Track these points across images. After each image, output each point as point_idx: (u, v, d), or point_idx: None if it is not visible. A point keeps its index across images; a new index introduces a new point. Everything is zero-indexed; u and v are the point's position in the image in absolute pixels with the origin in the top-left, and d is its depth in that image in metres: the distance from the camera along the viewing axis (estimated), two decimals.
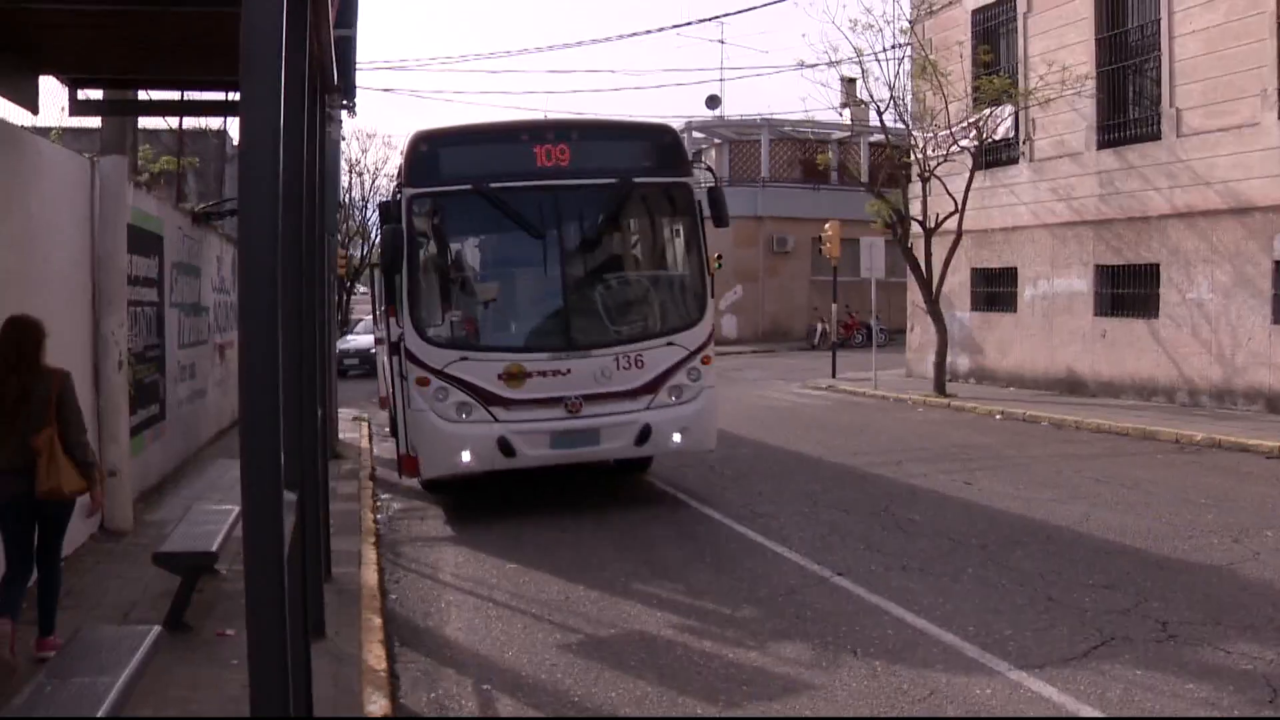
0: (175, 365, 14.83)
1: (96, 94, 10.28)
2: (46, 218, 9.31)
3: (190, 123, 23.72)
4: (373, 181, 49.20)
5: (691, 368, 12.53)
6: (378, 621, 8.09)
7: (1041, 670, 7.00)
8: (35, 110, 8.45)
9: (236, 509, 9.15)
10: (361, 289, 59.60)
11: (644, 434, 12.33)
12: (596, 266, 13.07)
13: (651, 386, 12.35)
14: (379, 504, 13.60)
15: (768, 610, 8.65)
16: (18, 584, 7.05)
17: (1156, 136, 21.62)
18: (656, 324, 12.99)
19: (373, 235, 45.53)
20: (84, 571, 9.20)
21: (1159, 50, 21.44)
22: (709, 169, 14.10)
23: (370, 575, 9.40)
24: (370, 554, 10.24)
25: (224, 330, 19.18)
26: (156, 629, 5.71)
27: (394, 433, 13.71)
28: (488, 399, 11.90)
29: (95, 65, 8.45)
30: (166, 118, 19.88)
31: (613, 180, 12.59)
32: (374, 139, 75.05)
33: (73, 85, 8.82)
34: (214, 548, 7.71)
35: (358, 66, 18.80)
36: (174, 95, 11.77)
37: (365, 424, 20.57)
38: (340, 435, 17.99)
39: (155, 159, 24.24)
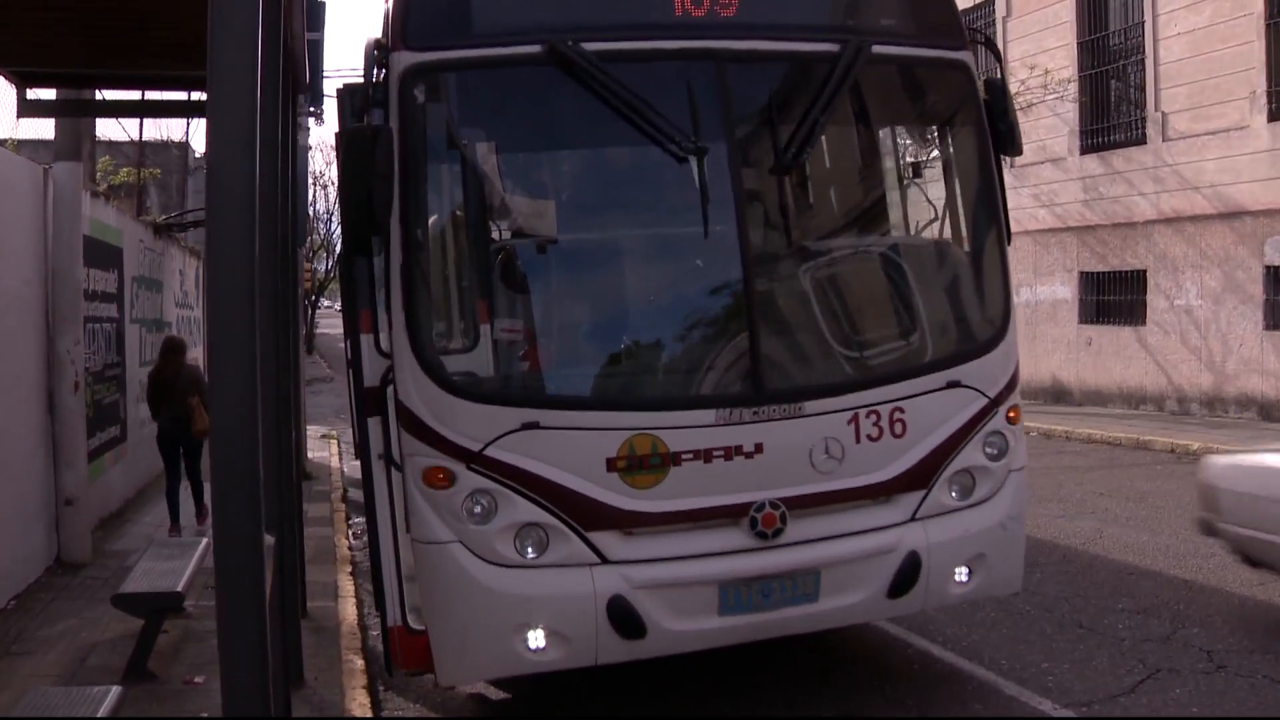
0: (137, 384, 14.08)
1: (49, 94, 9.56)
2: None
3: (151, 133, 23.01)
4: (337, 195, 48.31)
5: (992, 431, 6.42)
6: (360, 663, 7.44)
7: (1089, 709, 6.44)
8: None
9: (203, 541, 8.49)
10: (326, 303, 58.80)
11: (906, 573, 6.20)
12: (803, 227, 6.80)
13: (921, 472, 6.22)
14: (352, 527, 12.90)
15: None
16: (174, 493, 11.63)
17: (1142, 141, 21.25)
18: (926, 345, 6.59)
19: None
20: (36, 612, 8.49)
21: (1143, 53, 21.08)
22: (985, 40, 7.36)
23: (349, 610, 8.73)
24: (347, 585, 9.57)
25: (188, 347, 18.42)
26: (116, 691, 5.06)
27: (375, 576, 6.52)
28: (586, 514, 5.72)
29: (45, 58, 7.77)
30: (125, 119, 19.08)
31: (831, 46, 6.21)
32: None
33: (21, 83, 8.14)
34: (180, 586, 7.04)
35: (324, 74, 18.14)
36: (134, 95, 10.99)
37: (334, 441, 19.85)
38: (309, 454, 17.27)
39: (115, 171, 23.46)
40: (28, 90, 8.31)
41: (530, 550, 5.72)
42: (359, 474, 8.29)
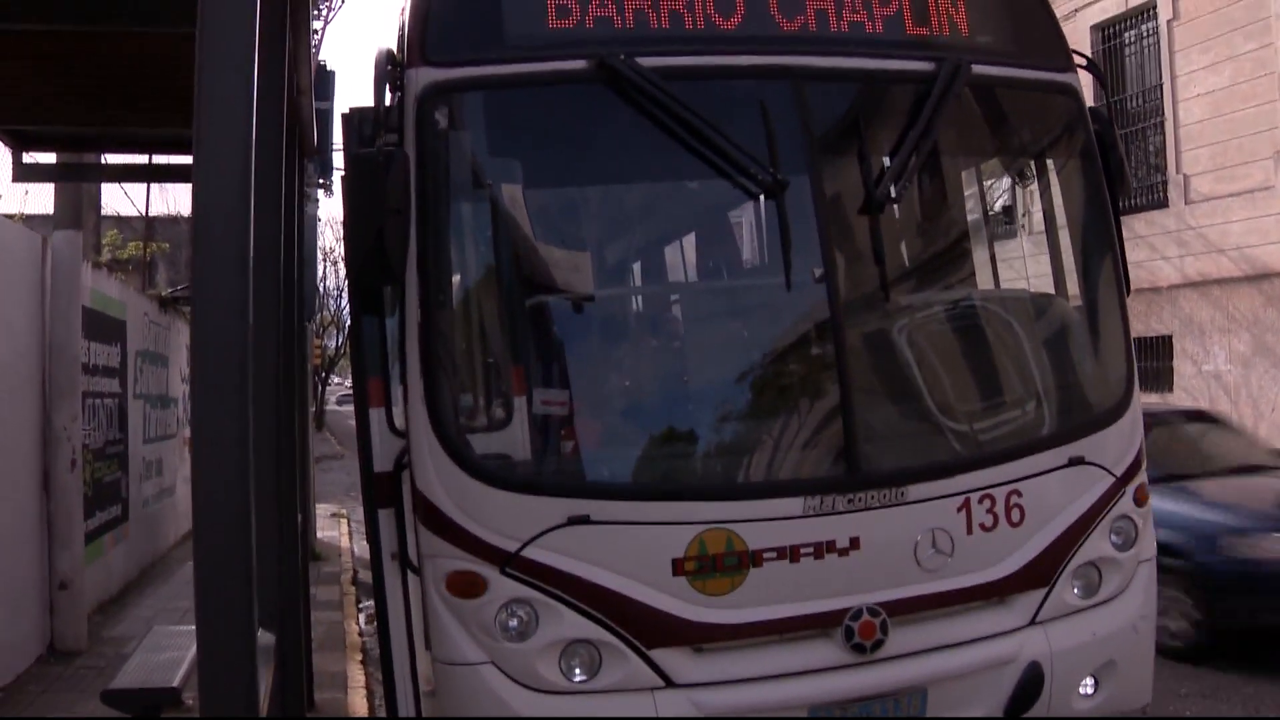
0: (140, 461, 13.64)
1: (49, 159, 9.21)
2: None
3: (160, 208, 22.75)
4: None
5: (1120, 516, 5.46)
6: None
7: None
8: None
9: None
10: (336, 379, 58.49)
11: (1027, 688, 5.21)
12: (900, 278, 5.82)
13: (1042, 567, 5.26)
14: (363, 611, 12.35)
15: None
16: None
17: (1164, 204, 20.87)
18: (1043, 415, 5.65)
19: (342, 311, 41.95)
20: (24, 704, 7.96)
21: (1162, 115, 20.78)
22: (1089, 63, 6.11)
23: (359, 702, 8.19)
24: (357, 674, 9.03)
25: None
26: None
27: (388, 695, 5.51)
28: (648, 628, 4.76)
29: (40, 115, 7.40)
30: (130, 189, 18.76)
31: (925, 65, 5.34)
32: None
33: (18, 146, 7.78)
34: (176, 681, 6.50)
35: (333, 147, 17.85)
36: (138, 160, 10.60)
37: (344, 520, 19.33)
38: (318, 533, 16.75)
39: (123, 245, 23.18)
40: (25, 154, 7.94)
41: (579, 673, 4.73)
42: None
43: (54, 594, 9.46)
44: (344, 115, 5.38)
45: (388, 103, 5.12)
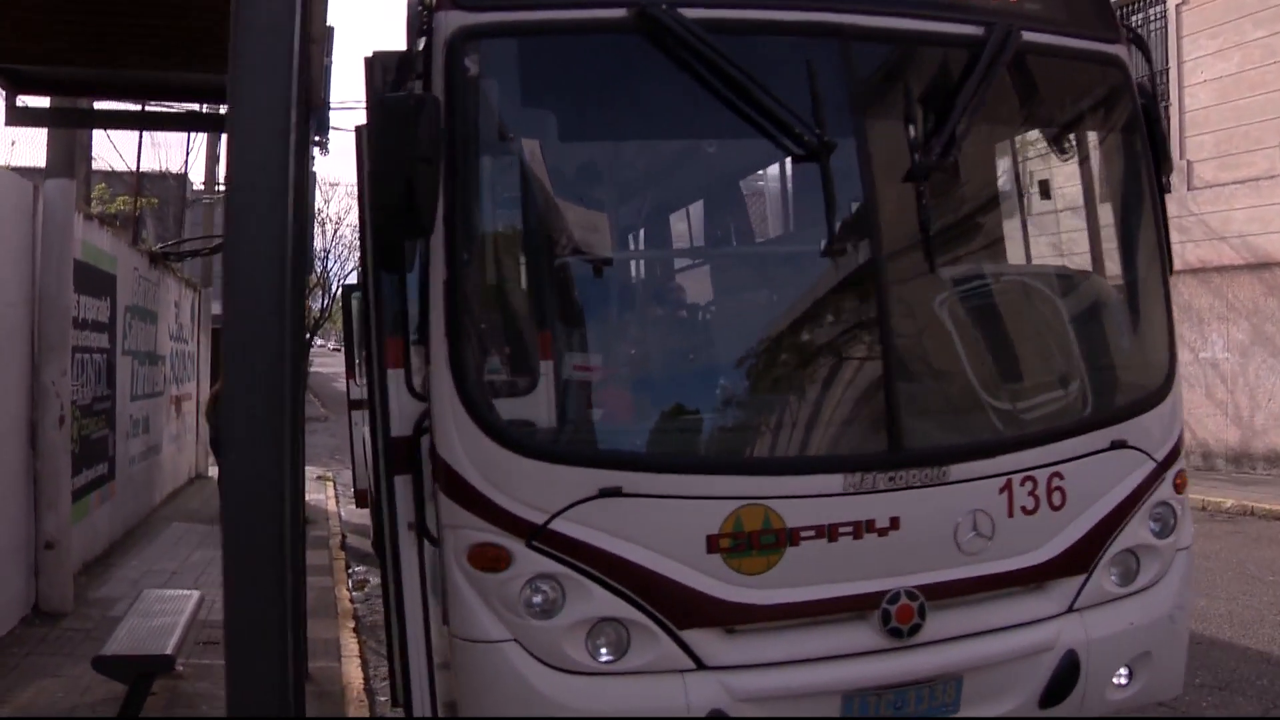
0: (127, 419, 13.37)
1: (42, 103, 8.89)
2: None
3: (149, 164, 22.38)
4: (334, 232, 47.67)
5: (1159, 502, 5.30)
6: None
7: None
8: None
9: (195, 594, 7.77)
10: (320, 342, 58.04)
11: (1063, 677, 5.04)
12: (945, 250, 5.31)
13: (1081, 553, 5.10)
14: (353, 577, 12.14)
15: None
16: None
17: (1166, 190, 20.66)
18: (1086, 396, 5.40)
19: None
20: (9, 668, 7.72)
21: (1168, 101, 20.56)
22: (1134, 36, 5.77)
23: (353, 672, 7.98)
24: (350, 642, 8.81)
25: (181, 381, 17.75)
26: None
27: (401, 672, 5.04)
28: (679, 607, 4.55)
29: (35, 53, 7.07)
30: (124, 141, 18.38)
31: (974, 29, 5.11)
32: (337, 188, 73.19)
33: (12, 88, 7.47)
34: (170, 648, 6.29)
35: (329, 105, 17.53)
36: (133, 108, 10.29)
37: (330, 483, 19.12)
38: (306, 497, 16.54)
39: (112, 199, 22.82)
40: (19, 97, 7.63)
41: (606, 653, 4.50)
42: (362, 520, 7.26)
43: (39, 554, 9.22)
44: (366, 59, 5.01)
45: (417, 47, 4.81)
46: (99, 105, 9.90)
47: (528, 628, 4.47)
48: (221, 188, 24.27)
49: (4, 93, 7.53)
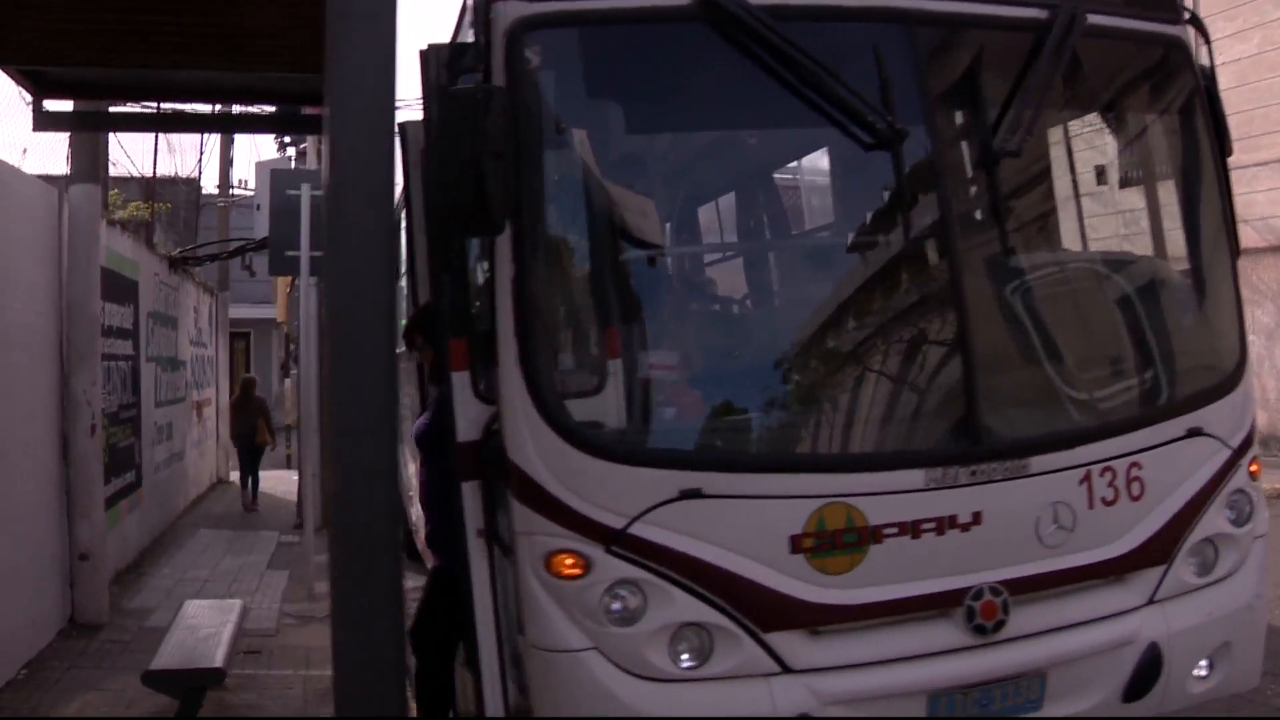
0: (152, 426, 13.26)
1: (66, 106, 8.75)
2: (4, 256, 7.80)
3: (161, 170, 22.23)
4: None
5: (1236, 490, 5.17)
6: None
7: None
8: None
9: (237, 604, 7.66)
10: None
11: (1146, 671, 4.92)
12: (1018, 238, 5.26)
13: (1161, 544, 4.98)
14: None
15: None
16: (245, 481, 16.90)
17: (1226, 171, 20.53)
18: (1160, 384, 5.33)
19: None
20: (51, 683, 7.60)
21: None
22: (1192, 17, 5.53)
23: None
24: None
25: (201, 386, 17.65)
26: None
27: (474, 682, 4.87)
28: (764, 610, 4.42)
29: (61, 52, 6.90)
30: (143, 141, 18.11)
31: (1039, 12, 4.99)
32: None
33: (38, 93, 7.34)
34: (219, 660, 6.17)
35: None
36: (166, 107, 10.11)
37: None
38: None
39: (124, 205, 22.69)
40: (45, 101, 7.50)
41: (688, 659, 4.36)
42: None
43: (74, 565, 9.10)
44: (421, 52, 4.85)
45: (468, 38, 4.66)
46: (124, 108, 9.70)
47: (609, 635, 4.32)
48: (237, 192, 24.19)
49: (30, 97, 7.38)
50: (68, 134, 10.44)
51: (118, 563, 11.07)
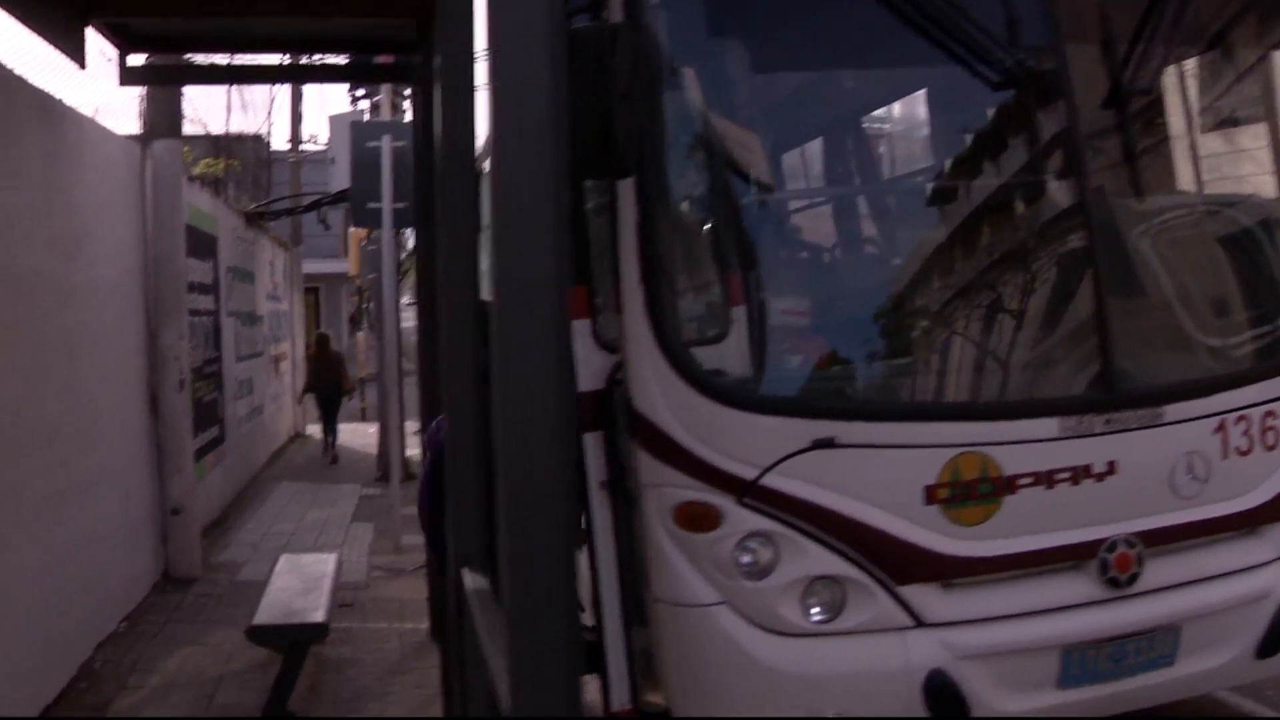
0: (233, 380, 13.31)
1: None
2: (92, 213, 7.78)
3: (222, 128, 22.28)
4: None
5: None
6: None
7: None
8: (82, 64, 6.90)
9: (331, 557, 7.66)
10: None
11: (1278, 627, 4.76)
12: (1151, 179, 5.07)
13: None
14: None
15: None
16: (328, 431, 17.31)
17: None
18: None
19: None
20: (150, 636, 7.64)
21: None
22: None
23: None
24: None
25: (278, 340, 17.75)
26: None
27: (595, 643, 4.50)
28: (898, 562, 4.27)
29: (145, 4, 6.82)
30: (216, 92, 18.03)
31: None
32: None
33: (124, 46, 7.28)
34: (322, 615, 6.14)
35: None
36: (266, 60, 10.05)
37: None
38: (407, 452, 16.48)
39: (194, 163, 22.79)
40: (129, 55, 7.43)
41: (819, 613, 4.23)
42: None
43: (166, 520, 9.16)
44: None
45: None
46: (201, 59, 9.61)
47: (740, 589, 4.20)
48: (307, 146, 24.21)
49: (116, 52, 7.32)
50: (139, 94, 10.46)
51: (205, 517, 11.14)
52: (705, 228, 4.61)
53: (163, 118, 9.48)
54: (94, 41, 7.34)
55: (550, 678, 2.08)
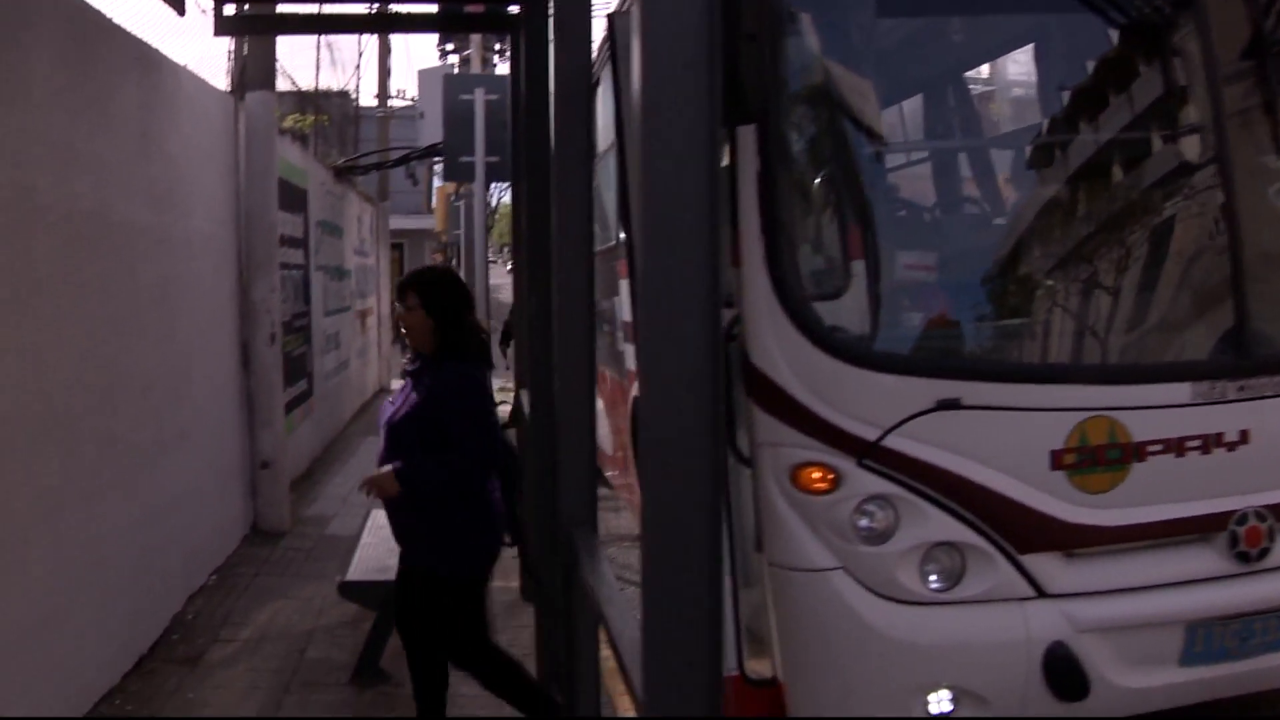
0: (321, 335, 13.33)
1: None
2: (187, 164, 7.73)
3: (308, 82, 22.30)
4: None
5: None
6: None
7: None
8: (181, 9, 6.84)
9: None
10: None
11: None
12: None
13: None
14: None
15: None
16: None
17: None
18: None
19: None
20: (241, 590, 7.65)
21: None
22: None
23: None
24: None
25: (365, 296, 17.81)
26: None
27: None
28: (1021, 529, 4.12)
29: None
30: (308, 36, 17.85)
31: None
32: None
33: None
34: None
35: None
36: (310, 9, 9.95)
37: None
38: None
39: (281, 118, 22.88)
40: (225, 6, 7.34)
41: (937, 580, 4.11)
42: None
43: (256, 473, 9.18)
44: None
45: None
46: (289, 7, 9.51)
47: (857, 554, 4.08)
48: (395, 102, 24.20)
49: (211, 2, 7.24)
50: (227, 49, 10.40)
51: (293, 471, 11.17)
52: (827, 178, 4.38)
53: (258, 69, 9.38)
54: None
55: (690, 663, 1.94)
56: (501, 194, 25.30)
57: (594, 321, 3.83)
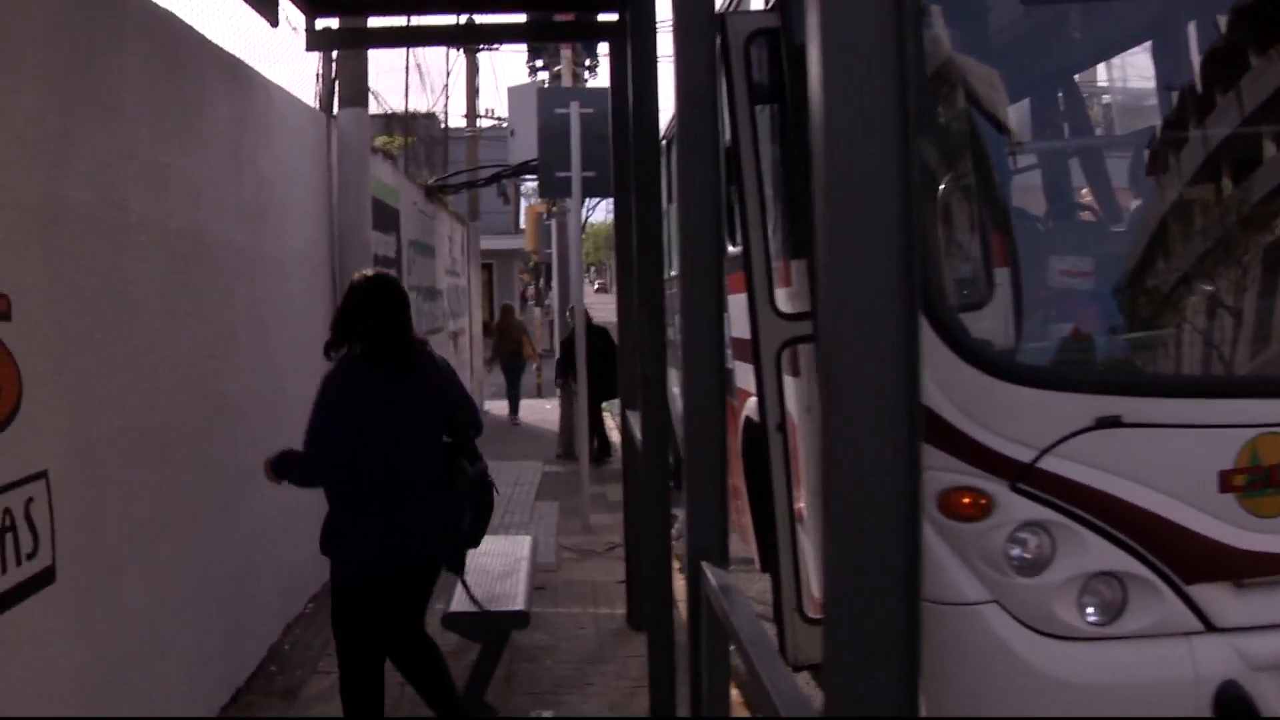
0: None
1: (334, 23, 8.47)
2: (280, 183, 7.58)
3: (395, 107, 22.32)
4: None
5: None
6: None
7: None
8: (274, 21, 6.68)
9: (526, 539, 7.32)
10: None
11: None
12: None
13: None
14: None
15: None
16: (512, 399, 18.68)
17: None
18: None
19: None
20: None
21: None
22: None
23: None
24: (679, 583, 8.24)
25: (457, 316, 17.67)
26: None
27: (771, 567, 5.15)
28: (1188, 557, 3.83)
29: None
30: (401, 48, 17.80)
31: None
32: None
33: (310, 11, 7.03)
34: (521, 604, 5.79)
35: None
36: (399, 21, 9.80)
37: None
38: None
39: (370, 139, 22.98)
40: (317, 19, 7.19)
41: (1094, 613, 3.83)
42: None
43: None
44: None
45: None
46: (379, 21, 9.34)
47: (1011, 586, 3.80)
48: (484, 122, 24.15)
49: (304, 17, 7.09)
50: (316, 69, 10.33)
51: None
52: (968, 181, 4.05)
53: (350, 86, 9.25)
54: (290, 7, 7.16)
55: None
56: (590, 212, 25.08)
57: (724, 345, 3.53)
